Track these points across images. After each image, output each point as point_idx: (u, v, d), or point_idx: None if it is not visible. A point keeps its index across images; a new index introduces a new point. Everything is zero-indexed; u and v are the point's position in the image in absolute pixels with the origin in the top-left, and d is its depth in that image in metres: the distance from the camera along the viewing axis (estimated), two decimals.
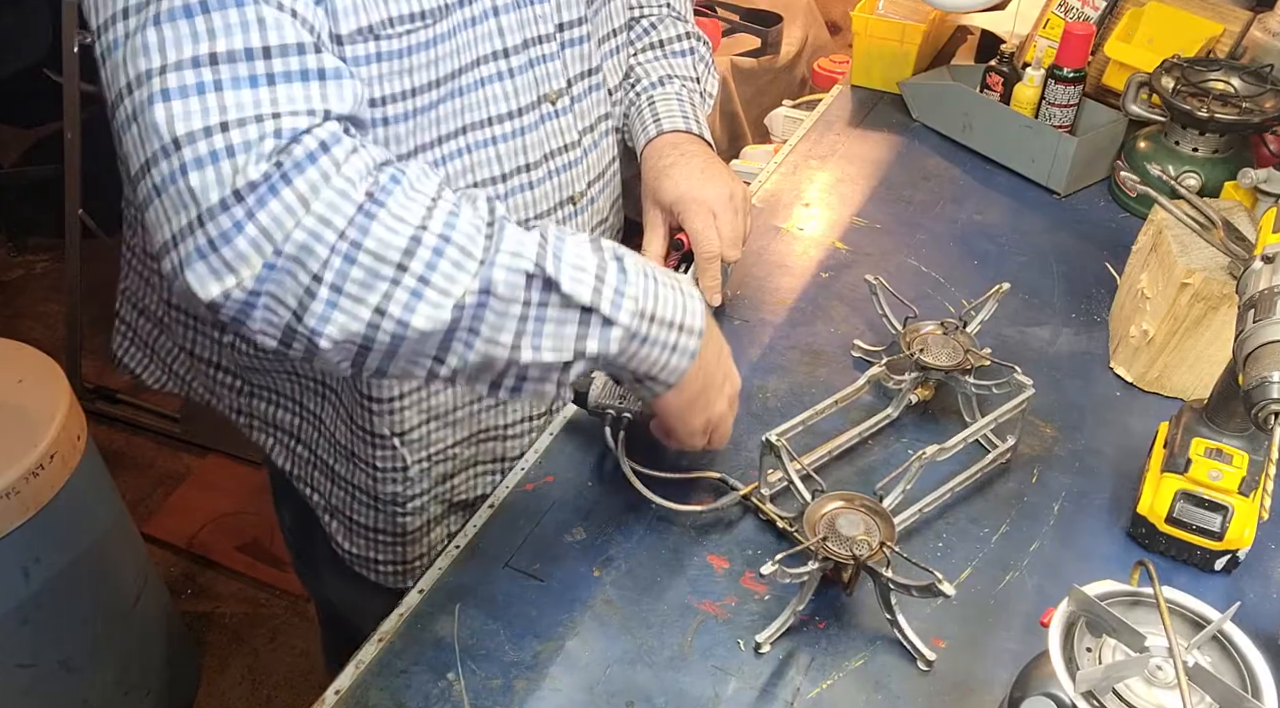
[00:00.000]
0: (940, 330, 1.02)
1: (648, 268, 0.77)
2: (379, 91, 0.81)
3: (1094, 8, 1.46)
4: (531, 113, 0.94)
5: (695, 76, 1.18)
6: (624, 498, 0.94)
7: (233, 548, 2.25)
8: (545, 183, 0.98)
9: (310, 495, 1.10)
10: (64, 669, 1.59)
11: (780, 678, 0.80)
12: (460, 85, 0.87)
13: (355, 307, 0.66)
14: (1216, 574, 0.88)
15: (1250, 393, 0.71)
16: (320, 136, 0.65)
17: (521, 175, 0.95)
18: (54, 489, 1.47)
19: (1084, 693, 0.59)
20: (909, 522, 0.90)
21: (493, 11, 0.88)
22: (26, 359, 1.60)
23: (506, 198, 0.95)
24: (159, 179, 0.65)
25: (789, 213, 1.36)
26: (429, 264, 0.67)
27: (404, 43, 0.80)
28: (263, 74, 0.65)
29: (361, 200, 0.65)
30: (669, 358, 0.78)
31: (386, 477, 1.01)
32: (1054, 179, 1.38)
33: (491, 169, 0.93)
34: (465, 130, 0.89)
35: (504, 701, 0.79)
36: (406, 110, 0.84)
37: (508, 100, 0.91)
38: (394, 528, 1.06)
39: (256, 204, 0.63)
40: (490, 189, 0.93)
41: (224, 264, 0.64)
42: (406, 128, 0.84)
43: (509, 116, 0.92)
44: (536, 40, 0.92)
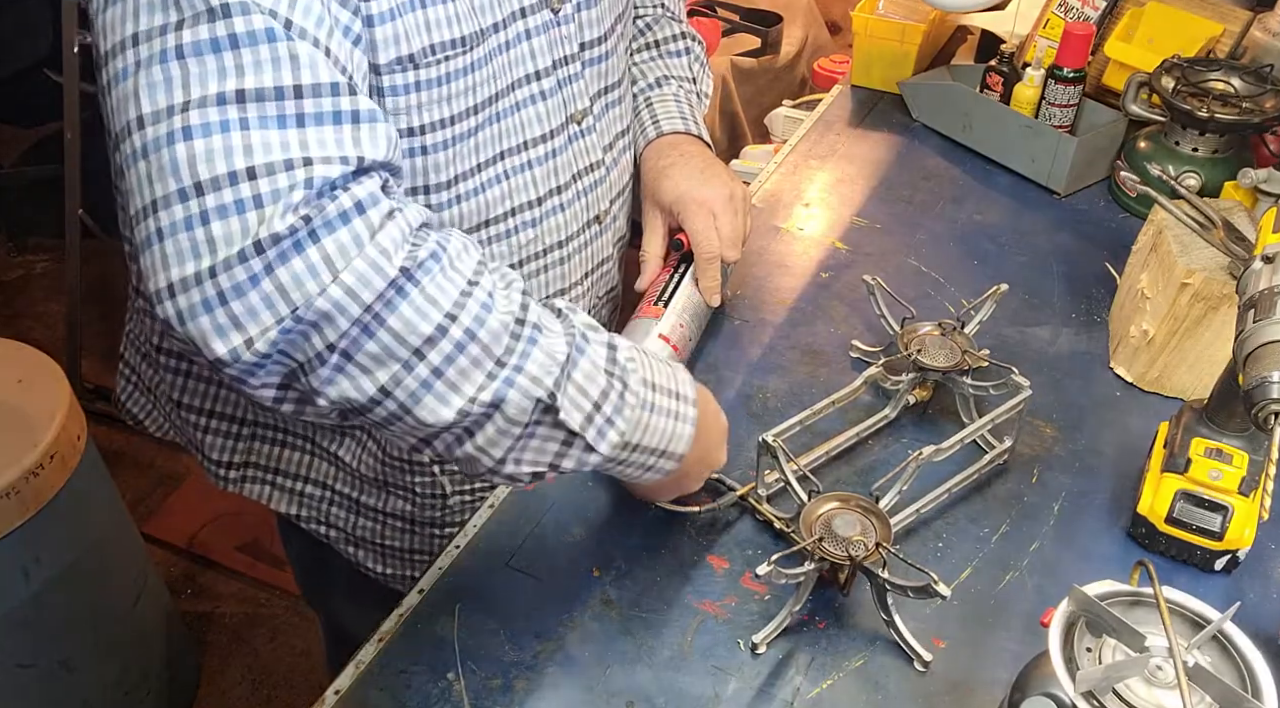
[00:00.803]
0: (938, 331, 1.02)
1: (648, 393, 0.75)
2: (418, 120, 0.80)
3: (1094, 8, 1.46)
4: (561, 134, 0.94)
5: (691, 76, 1.18)
6: (624, 498, 0.94)
7: (233, 548, 2.25)
8: (575, 203, 0.98)
9: (325, 532, 1.05)
10: (64, 669, 1.59)
11: (780, 678, 0.80)
12: (498, 110, 0.87)
13: (361, 378, 0.63)
14: (1216, 574, 0.88)
15: (1250, 393, 0.71)
16: (357, 195, 0.61)
17: (554, 197, 0.95)
18: (54, 489, 1.47)
19: (1084, 693, 0.59)
20: (907, 522, 0.90)
21: (525, 35, 0.87)
22: (26, 359, 1.60)
23: (542, 221, 0.94)
24: (171, 222, 0.60)
25: (789, 213, 1.36)
26: (448, 357, 0.64)
27: (443, 69, 0.79)
28: (293, 114, 0.61)
29: (395, 275, 0.61)
30: (641, 474, 0.80)
31: (426, 503, 1.01)
32: (1054, 179, 1.38)
33: (528, 193, 0.92)
34: (503, 156, 0.89)
35: (504, 701, 0.79)
36: (446, 138, 0.83)
37: (541, 123, 0.91)
38: (432, 547, 1.05)
39: (278, 258, 0.59)
40: (527, 213, 0.93)
41: (233, 319, 0.60)
42: (446, 157, 0.83)
43: (542, 139, 0.92)
44: (564, 61, 0.92)
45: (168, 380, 0.98)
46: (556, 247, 0.98)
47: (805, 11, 2.74)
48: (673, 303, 1.04)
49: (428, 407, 0.65)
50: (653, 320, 1.02)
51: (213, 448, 1.00)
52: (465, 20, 0.79)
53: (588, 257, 1.03)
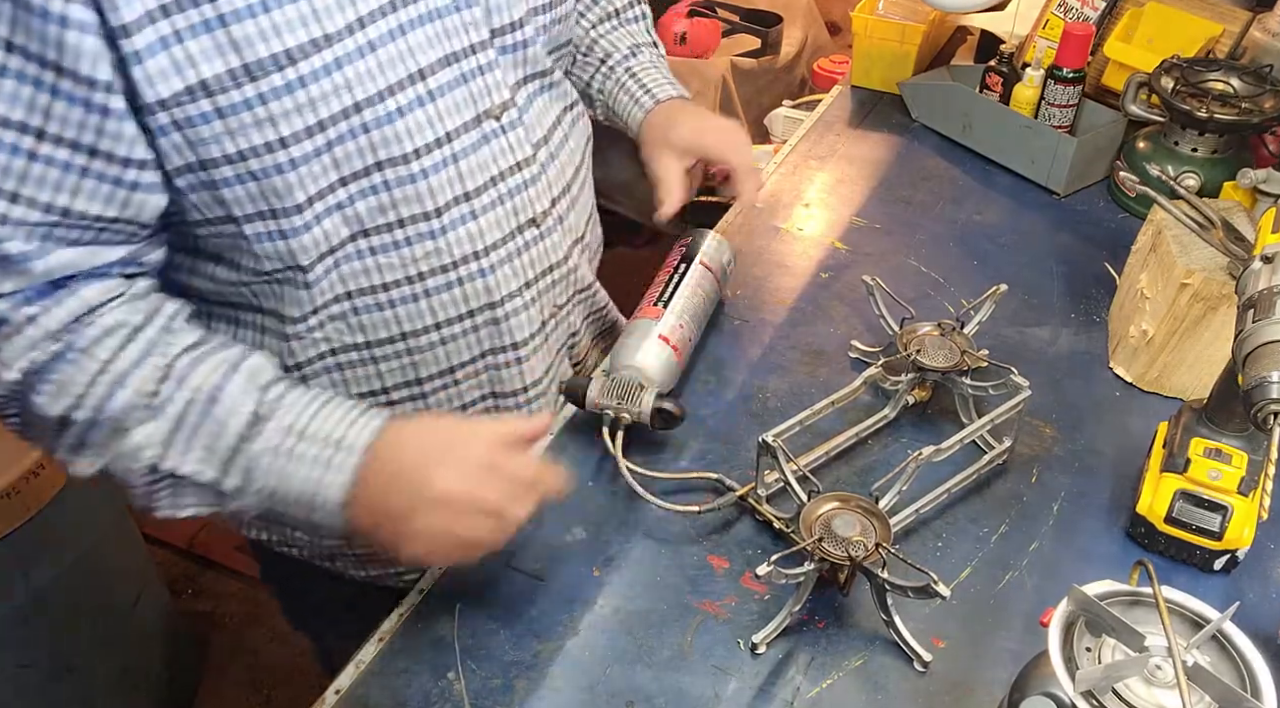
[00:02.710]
0: (937, 331, 1.02)
1: (292, 441, 0.75)
2: (232, 147, 0.72)
3: (1093, 8, 1.46)
4: (470, 133, 0.84)
5: (653, 40, 1.19)
6: (624, 498, 0.94)
7: (233, 548, 2.24)
8: (495, 209, 0.88)
9: (298, 552, 1.06)
10: (64, 669, 1.60)
11: (780, 678, 0.80)
12: (364, 121, 0.76)
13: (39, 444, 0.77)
14: (1216, 574, 0.88)
15: (1250, 393, 0.71)
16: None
17: (460, 206, 0.85)
18: (54, 489, 1.47)
19: (1083, 693, 0.59)
20: (906, 522, 0.90)
21: (399, 30, 0.77)
22: None
23: (447, 231, 0.85)
24: None
25: (789, 213, 1.36)
26: (79, 435, 0.74)
27: (253, 91, 0.70)
28: None
29: (17, 378, 0.71)
30: (310, 519, 0.77)
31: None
32: (1053, 179, 1.38)
33: (422, 204, 0.83)
34: (381, 166, 0.79)
35: (504, 700, 0.79)
36: (279, 162, 0.74)
37: (434, 126, 0.81)
38: None
39: None
40: (423, 225, 0.83)
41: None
42: (287, 181, 0.75)
43: (438, 143, 0.82)
44: (467, 52, 0.82)
45: None
46: (472, 258, 0.87)
47: (805, 12, 2.74)
48: (673, 303, 1.04)
49: (81, 467, 0.75)
50: (653, 321, 1.02)
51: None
52: (289, 32, 0.71)
53: (524, 265, 0.92)
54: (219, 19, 0.68)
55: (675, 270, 1.08)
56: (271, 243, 0.78)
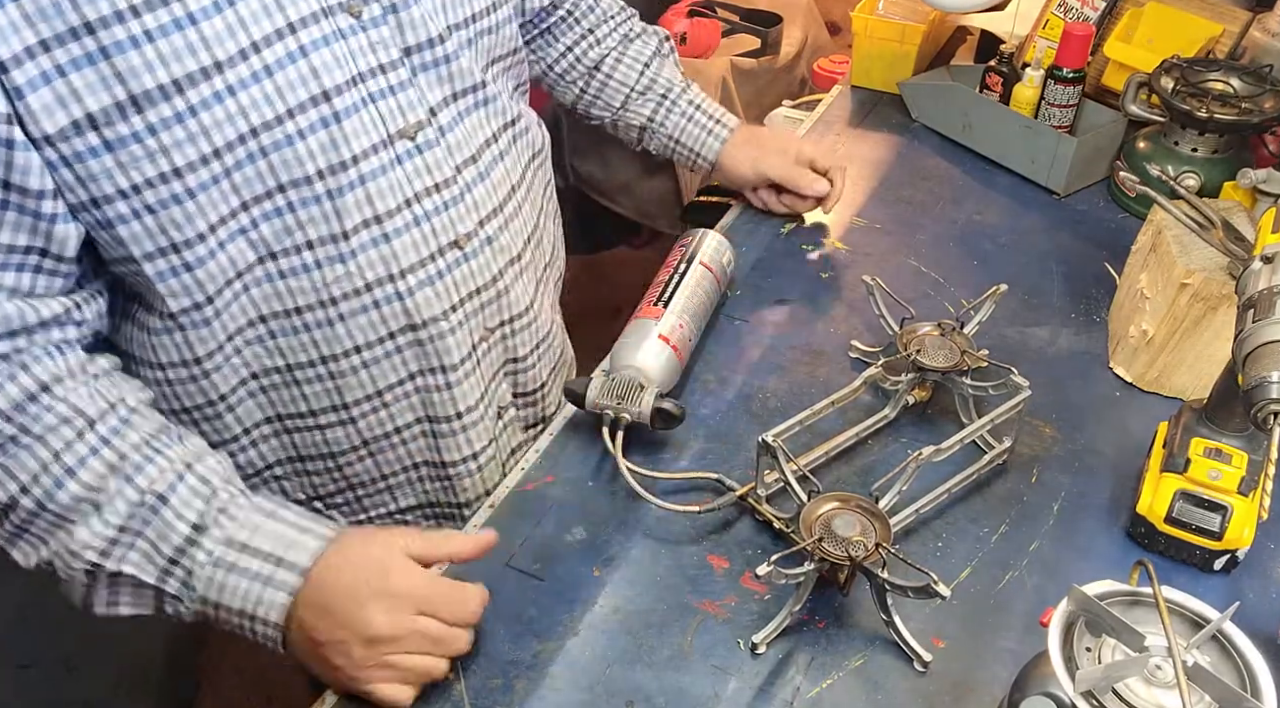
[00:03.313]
0: (937, 331, 1.02)
1: (234, 554, 0.75)
2: (124, 181, 0.70)
3: (1093, 8, 1.46)
4: (380, 154, 0.81)
5: (685, 83, 1.31)
6: (624, 498, 0.94)
7: None
8: (410, 231, 0.85)
9: None
10: (64, 669, 1.59)
11: (780, 678, 0.80)
12: (261, 146, 0.74)
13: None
14: (1216, 574, 0.88)
15: (1250, 393, 0.71)
16: None
17: (371, 228, 0.82)
18: None
19: (1083, 693, 0.59)
20: (906, 522, 0.90)
21: (299, 53, 0.75)
22: None
23: (357, 254, 0.82)
24: None
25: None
26: (24, 522, 0.74)
27: (141, 123, 0.69)
28: None
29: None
30: (247, 630, 0.77)
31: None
32: (1053, 179, 1.38)
33: (329, 226, 0.80)
34: (283, 189, 0.77)
35: (504, 700, 0.79)
36: (175, 193, 0.72)
37: (339, 148, 0.78)
38: None
39: None
40: (330, 247, 0.81)
41: None
42: (185, 211, 0.73)
43: (342, 166, 0.79)
44: (375, 72, 0.80)
45: None
46: (388, 280, 0.85)
47: (805, 12, 2.74)
48: (673, 303, 1.04)
49: (21, 552, 0.76)
50: (652, 321, 1.02)
51: None
52: (175, 61, 0.69)
53: (448, 286, 0.89)
54: (101, 51, 0.66)
55: (675, 270, 1.08)
56: (176, 278, 0.77)
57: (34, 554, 0.76)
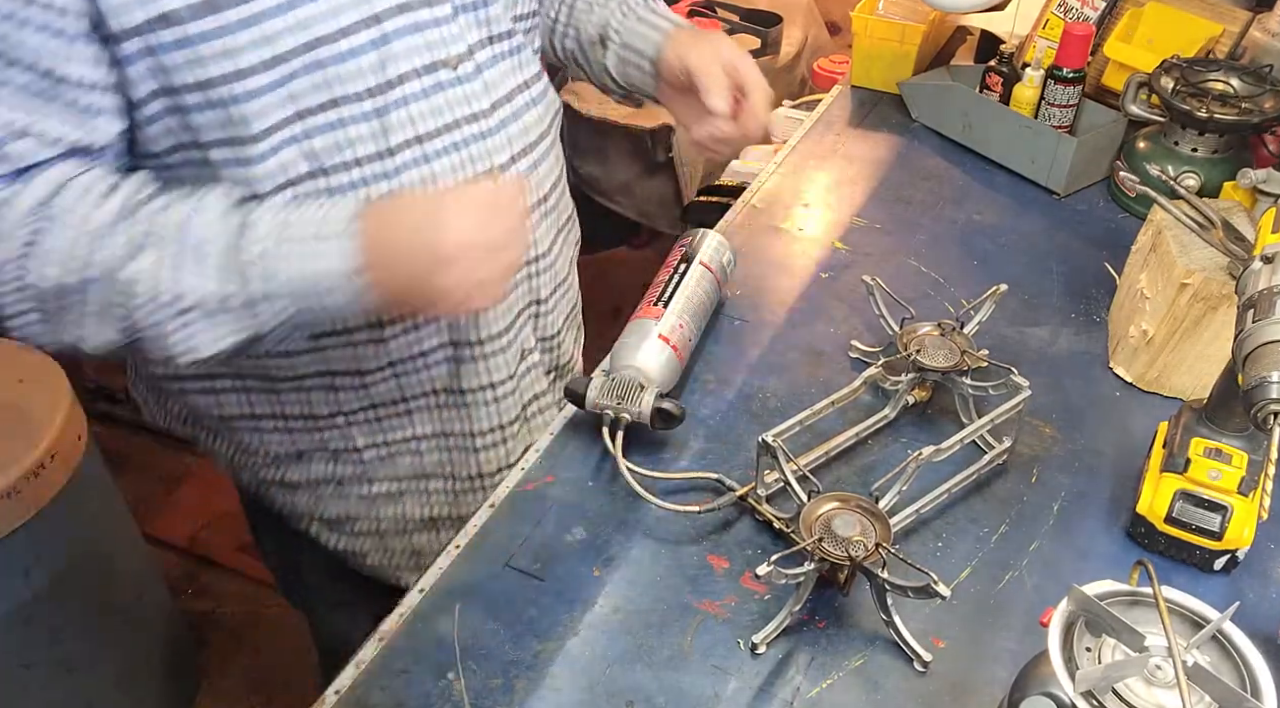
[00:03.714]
0: (937, 331, 1.02)
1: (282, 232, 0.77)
2: (199, 75, 0.77)
3: (1093, 8, 1.46)
4: (424, 79, 0.87)
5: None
6: (624, 498, 0.94)
7: (233, 548, 2.25)
8: (451, 155, 0.90)
9: (277, 508, 1.10)
10: (64, 669, 1.59)
11: (780, 678, 0.80)
12: (319, 58, 0.80)
13: (45, 328, 0.78)
14: (1216, 574, 0.88)
15: (1249, 393, 0.72)
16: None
17: (413, 148, 0.88)
18: (55, 489, 1.47)
19: (1083, 693, 0.59)
20: (906, 522, 0.90)
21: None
22: (27, 359, 1.59)
23: (400, 173, 0.87)
24: None
25: (789, 213, 1.36)
26: (83, 296, 0.76)
27: (214, 23, 0.75)
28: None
29: (16, 257, 0.75)
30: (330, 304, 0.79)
31: (344, 458, 1.04)
32: (1053, 179, 1.38)
33: (376, 143, 0.86)
34: (335, 103, 0.83)
35: (504, 700, 0.79)
36: (235, 93, 0.78)
37: (386, 68, 0.84)
38: (362, 511, 1.08)
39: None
40: (377, 164, 0.86)
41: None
42: (249, 108, 0.79)
43: (390, 85, 0.85)
44: (423, 3, 0.86)
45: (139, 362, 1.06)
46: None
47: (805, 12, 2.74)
48: (673, 303, 1.04)
49: (103, 335, 0.77)
50: (652, 321, 1.02)
51: (172, 425, 1.09)
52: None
53: None
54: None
55: (675, 270, 1.08)
56: (233, 169, 0.82)
57: (106, 327, 0.77)
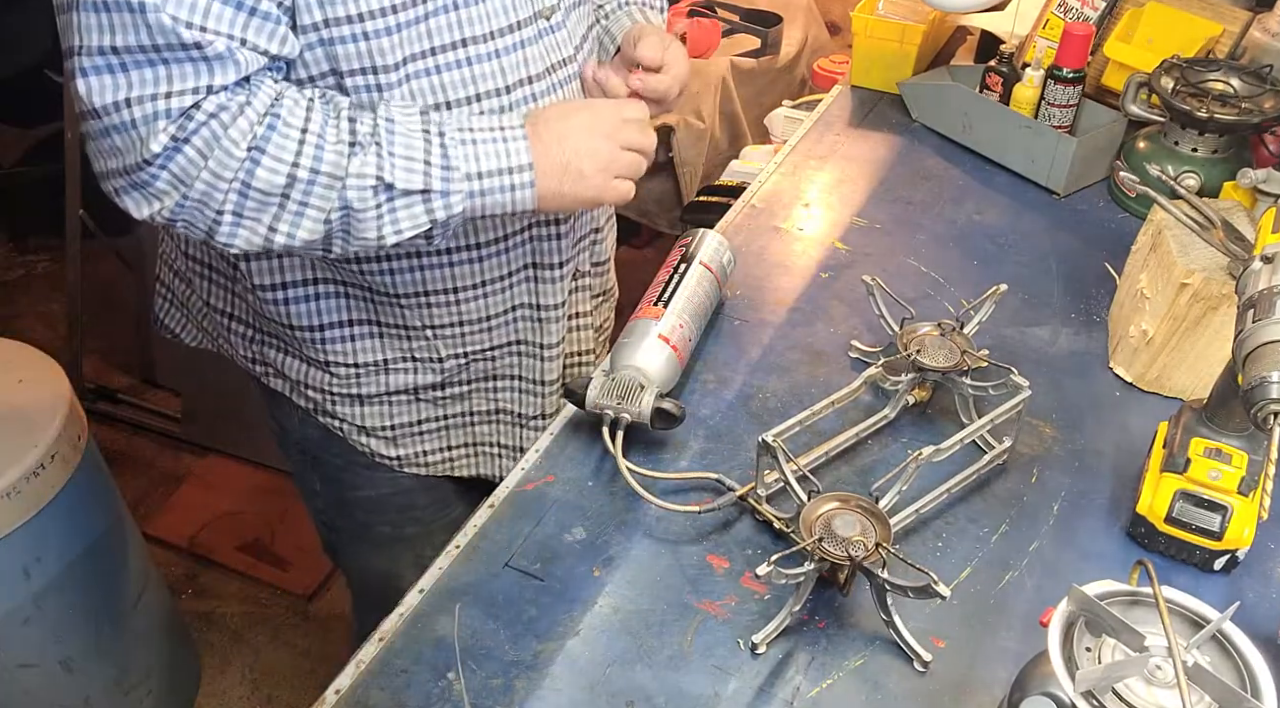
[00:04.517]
0: (937, 331, 1.02)
1: (465, 134, 0.89)
2: (354, 9, 0.85)
3: (1093, 8, 1.46)
4: (530, 26, 0.96)
5: (660, 6, 1.21)
6: (624, 498, 0.94)
7: (233, 548, 2.25)
8: (549, 96, 1.00)
9: (339, 427, 1.14)
10: (64, 669, 1.59)
11: (780, 678, 0.80)
12: (456, 1, 0.90)
13: (253, 226, 0.86)
14: (1216, 574, 0.88)
15: (1249, 393, 0.72)
16: (209, 109, 0.82)
17: (524, 87, 0.97)
18: (54, 489, 1.47)
19: (1083, 693, 0.59)
20: (906, 522, 0.90)
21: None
22: (27, 359, 1.60)
23: (512, 108, 0.97)
24: (93, 131, 0.83)
25: (789, 213, 1.36)
26: (305, 192, 0.85)
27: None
28: (158, 58, 0.80)
29: (244, 155, 0.83)
30: (515, 196, 0.91)
31: (425, 367, 1.09)
32: (1053, 179, 1.38)
33: (495, 80, 0.95)
34: (465, 43, 0.92)
35: (504, 700, 0.79)
36: (389, 25, 0.87)
37: (507, 13, 0.94)
38: (435, 413, 1.15)
39: (166, 160, 0.82)
40: (494, 100, 0.96)
41: (149, 196, 0.84)
42: (391, 41, 0.88)
43: (509, 29, 0.94)
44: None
45: (199, 287, 1.13)
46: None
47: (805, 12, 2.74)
48: (672, 303, 1.04)
49: (305, 228, 0.87)
50: (652, 321, 1.02)
51: (236, 347, 1.14)
52: None
53: None
54: None
55: (675, 270, 1.08)
56: (368, 94, 0.90)
57: (318, 221, 0.86)
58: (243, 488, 2.36)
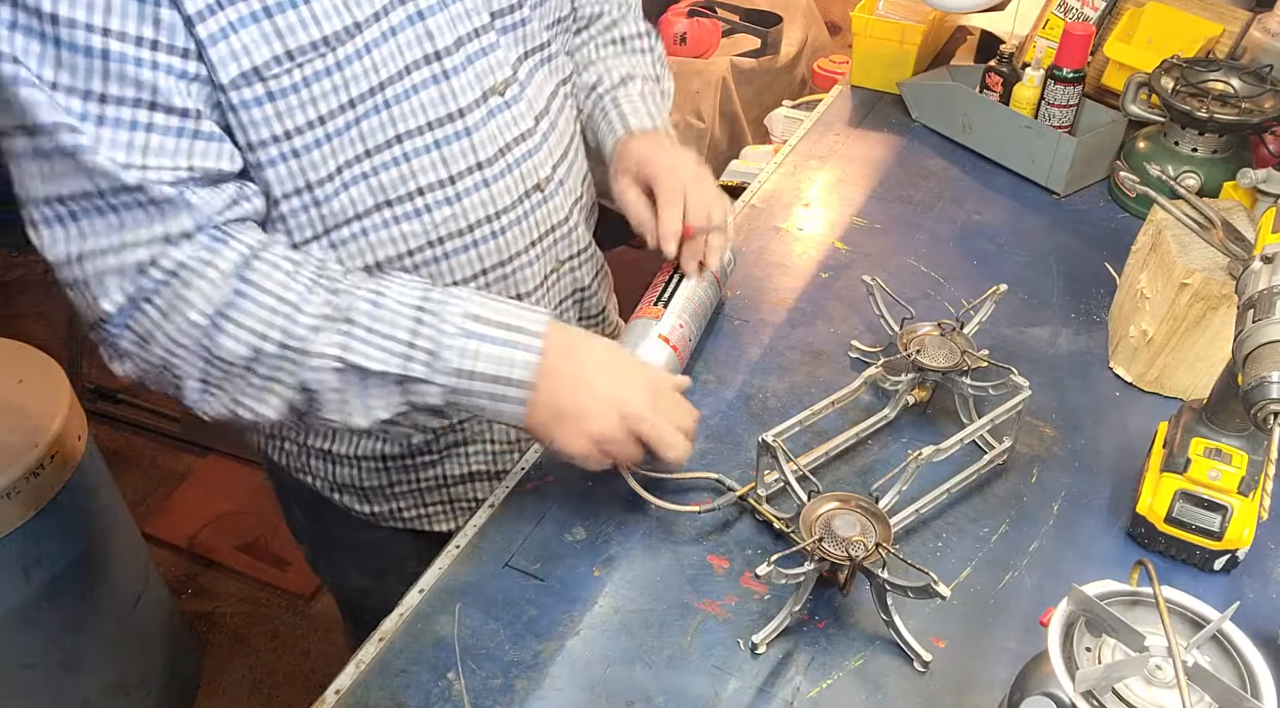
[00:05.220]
0: (937, 331, 1.02)
1: (472, 324, 0.81)
2: (279, 128, 0.79)
3: (1093, 8, 1.46)
4: (478, 109, 0.90)
5: (655, 75, 1.18)
6: (624, 498, 0.94)
7: (233, 548, 2.25)
8: (504, 177, 0.94)
9: (313, 482, 1.12)
10: (64, 669, 1.60)
11: (780, 678, 0.80)
12: (386, 98, 0.84)
13: (219, 394, 0.81)
14: (1216, 574, 0.88)
15: (1249, 393, 0.72)
16: (166, 266, 0.76)
17: (474, 175, 0.92)
18: (54, 489, 1.47)
19: (1083, 693, 0.59)
20: (906, 522, 0.90)
21: (417, 16, 0.84)
22: (27, 359, 1.60)
23: (462, 198, 0.91)
24: (61, 281, 0.78)
25: (789, 213, 1.36)
26: (273, 367, 0.79)
27: (297, 76, 0.78)
28: (105, 205, 0.74)
29: (206, 322, 0.77)
30: (497, 406, 0.83)
31: (390, 438, 1.05)
32: (1053, 179, 1.38)
33: (437, 172, 0.89)
34: (400, 139, 0.86)
35: (504, 700, 0.79)
36: (316, 138, 0.82)
37: (447, 102, 0.88)
38: (406, 480, 1.10)
39: (126, 321, 0.77)
40: (439, 192, 0.90)
41: (117, 355, 0.81)
42: (321, 153, 0.83)
43: (449, 118, 0.88)
44: (472, 34, 0.88)
45: None
46: (486, 221, 0.94)
47: (805, 12, 2.74)
48: (672, 303, 1.04)
49: (270, 405, 0.81)
50: (652, 321, 1.02)
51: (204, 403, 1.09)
52: (327, 20, 0.78)
53: (531, 226, 0.99)
54: (264, 10, 0.76)
55: (675, 270, 1.08)
56: (305, 213, 0.86)
57: (283, 396, 0.81)
58: (243, 488, 2.36)
